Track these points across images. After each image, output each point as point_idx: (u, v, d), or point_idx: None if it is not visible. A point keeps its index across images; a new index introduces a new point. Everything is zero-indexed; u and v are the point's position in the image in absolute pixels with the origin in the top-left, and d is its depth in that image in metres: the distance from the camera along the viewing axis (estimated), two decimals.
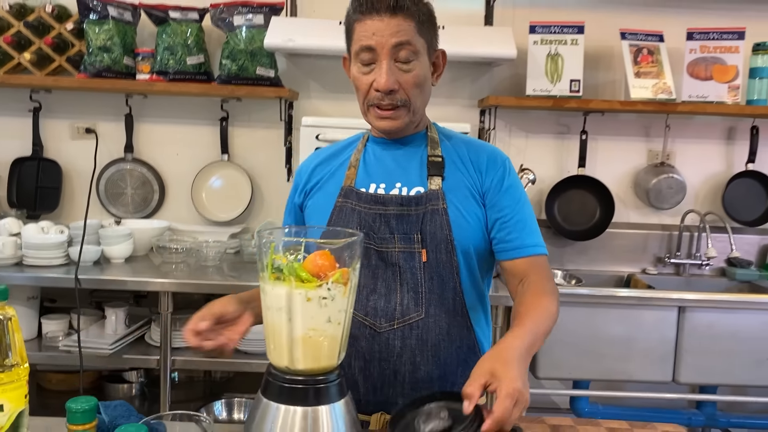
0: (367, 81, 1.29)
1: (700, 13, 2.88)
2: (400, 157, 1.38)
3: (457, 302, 1.32)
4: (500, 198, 1.34)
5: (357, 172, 1.38)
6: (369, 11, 1.25)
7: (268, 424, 0.92)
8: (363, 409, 1.31)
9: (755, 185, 2.97)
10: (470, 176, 1.36)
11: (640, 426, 1.18)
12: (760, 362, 2.50)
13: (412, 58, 1.27)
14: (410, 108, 1.31)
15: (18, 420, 0.93)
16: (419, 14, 1.27)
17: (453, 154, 1.38)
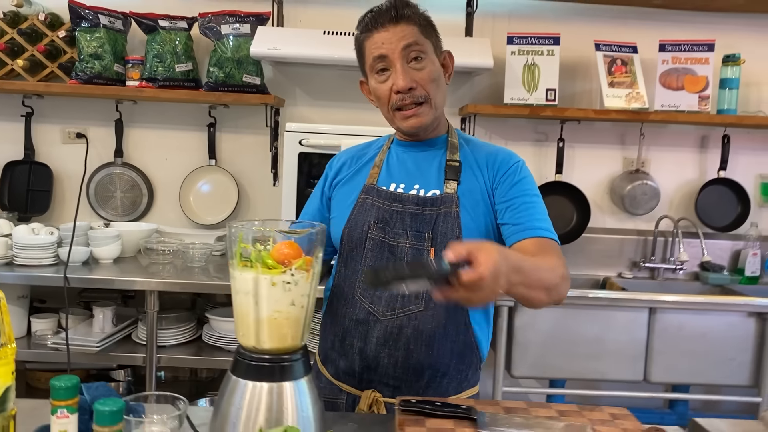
0: (386, 87, 1.38)
1: (672, 25, 3.00)
2: (420, 159, 1.48)
3: None
4: (510, 189, 1.40)
5: (380, 172, 1.48)
6: (374, 26, 1.37)
7: (237, 399, 1.00)
8: (357, 385, 1.42)
9: (727, 192, 3.07)
10: (484, 179, 1.43)
11: (589, 408, 1.26)
12: (728, 362, 2.59)
13: (422, 56, 1.37)
14: (431, 103, 1.39)
15: (5, 394, 1.00)
16: (419, 19, 1.39)
17: (471, 158, 1.46)
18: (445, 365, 1.41)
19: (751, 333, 2.59)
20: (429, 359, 1.39)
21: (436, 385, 1.42)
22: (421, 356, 1.39)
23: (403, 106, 1.37)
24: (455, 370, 1.43)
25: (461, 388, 1.46)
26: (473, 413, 1.18)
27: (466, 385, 1.47)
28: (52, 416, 1.06)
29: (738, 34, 3.00)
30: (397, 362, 1.39)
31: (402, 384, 1.40)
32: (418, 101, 1.37)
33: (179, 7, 2.87)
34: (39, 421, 1.16)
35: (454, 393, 1.45)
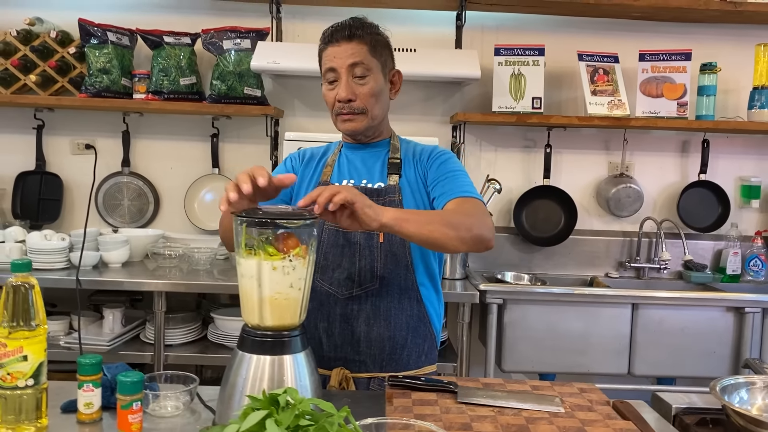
0: (332, 95, 1.57)
1: (651, 36, 3.15)
2: (366, 158, 1.66)
3: (408, 278, 1.57)
4: (437, 170, 1.59)
5: (332, 171, 1.66)
6: (331, 41, 1.56)
7: (243, 371, 1.13)
8: (326, 365, 1.56)
9: (708, 194, 3.20)
10: (418, 169, 1.63)
11: (559, 384, 1.39)
12: (709, 355, 2.72)
13: (366, 74, 1.55)
14: (368, 114, 1.58)
15: (39, 369, 1.14)
16: (371, 40, 1.56)
17: (408, 155, 1.66)
18: (403, 337, 1.58)
19: (730, 327, 2.72)
20: (388, 332, 1.56)
21: (397, 357, 1.58)
22: (381, 329, 1.56)
23: (341, 113, 1.57)
24: (412, 342, 1.59)
25: (420, 363, 1.62)
26: (453, 386, 1.31)
27: (425, 360, 1.63)
28: (79, 390, 1.20)
29: (714, 44, 3.15)
30: (360, 338, 1.56)
31: (366, 358, 1.57)
32: (355, 111, 1.56)
33: (183, 24, 3.03)
34: (63, 399, 1.29)
35: (414, 366, 1.60)
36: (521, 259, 3.25)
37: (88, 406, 1.20)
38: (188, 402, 1.30)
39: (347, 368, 1.56)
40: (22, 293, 1.12)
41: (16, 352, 1.11)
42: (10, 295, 1.12)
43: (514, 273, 3.13)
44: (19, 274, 1.13)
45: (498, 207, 3.19)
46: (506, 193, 3.15)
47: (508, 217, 3.22)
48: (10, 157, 3.16)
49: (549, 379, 2.85)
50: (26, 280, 1.14)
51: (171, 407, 1.28)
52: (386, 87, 1.62)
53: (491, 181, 2.94)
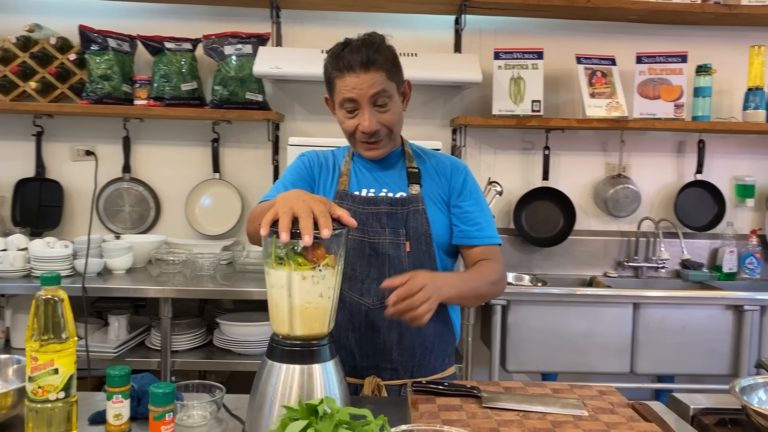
0: (353, 124, 1.55)
1: (647, 39, 3.19)
2: (383, 168, 1.66)
3: None
4: (462, 199, 1.63)
5: (349, 179, 1.64)
6: (346, 69, 1.49)
7: (273, 380, 1.15)
8: (358, 374, 1.58)
9: (704, 194, 3.25)
10: (440, 185, 1.64)
11: (579, 386, 1.42)
12: (709, 353, 2.76)
13: (388, 101, 1.53)
14: (390, 137, 1.59)
15: (69, 381, 1.14)
16: (387, 63, 1.51)
17: (427, 166, 1.66)
18: (431, 343, 1.60)
19: (729, 325, 2.76)
20: (419, 338, 1.59)
21: (426, 363, 1.60)
22: (412, 337, 1.58)
23: (366, 141, 1.55)
24: (439, 347, 1.62)
25: (444, 366, 1.66)
26: (477, 391, 1.33)
27: (448, 363, 1.67)
28: (108, 401, 1.21)
29: (709, 46, 3.20)
30: (392, 347, 1.57)
31: (398, 365, 1.58)
32: (380, 139, 1.56)
33: (183, 30, 3.02)
34: (87, 409, 1.30)
35: (440, 369, 1.64)
36: (521, 260, 3.28)
37: (118, 418, 1.20)
38: (215, 411, 1.31)
39: (379, 376, 1.57)
40: (52, 306, 1.13)
41: (47, 366, 1.11)
42: (41, 308, 1.12)
43: (515, 274, 3.16)
44: (49, 288, 1.14)
45: (498, 208, 3.21)
46: (506, 195, 3.18)
47: (507, 218, 3.25)
48: (9, 163, 3.14)
49: (551, 378, 2.89)
50: (55, 293, 1.14)
51: (198, 417, 1.29)
52: (401, 104, 1.61)
53: (493, 184, 2.96)
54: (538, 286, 3.00)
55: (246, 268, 2.88)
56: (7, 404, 1.20)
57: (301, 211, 1.12)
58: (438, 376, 1.60)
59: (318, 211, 1.13)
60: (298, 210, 1.13)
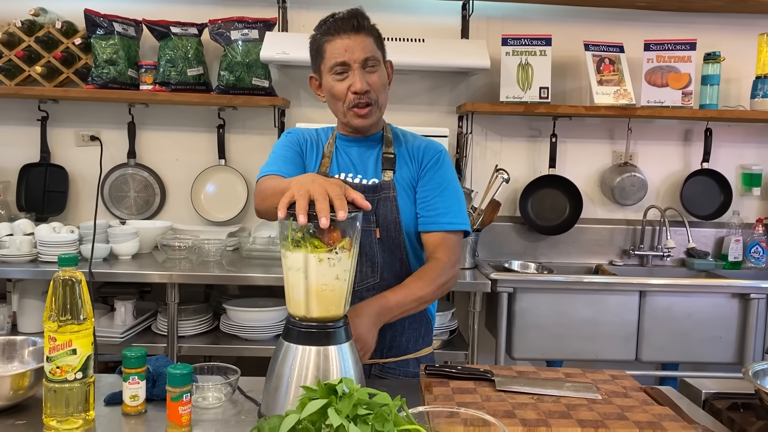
0: (343, 87, 1.55)
1: (656, 26, 3.18)
2: (362, 152, 1.67)
3: (403, 270, 1.62)
4: (424, 183, 1.63)
5: (330, 162, 1.66)
6: (336, 32, 1.53)
7: (289, 361, 1.15)
8: None
9: (710, 182, 3.25)
10: (411, 170, 1.65)
11: (591, 371, 1.42)
12: (714, 341, 2.77)
13: (376, 65, 1.56)
14: (378, 105, 1.59)
15: (86, 362, 1.14)
16: (374, 31, 1.58)
17: (403, 150, 1.67)
18: (401, 325, 1.63)
19: (735, 313, 2.77)
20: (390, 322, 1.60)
21: (398, 344, 1.64)
22: None
23: (358, 104, 1.56)
24: (410, 328, 1.65)
25: (418, 346, 1.68)
26: (490, 375, 1.33)
27: (422, 343, 1.69)
28: (125, 383, 1.21)
29: (718, 34, 3.19)
30: None
31: None
32: (370, 102, 1.56)
33: (190, 14, 3.01)
34: (103, 391, 1.30)
35: (413, 350, 1.66)
36: (527, 248, 3.28)
37: (134, 398, 1.21)
38: (230, 393, 1.31)
39: None
40: (70, 287, 1.13)
41: (65, 346, 1.11)
42: (59, 289, 1.12)
43: (520, 262, 3.16)
44: (67, 269, 1.13)
45: (504, 196, 3.21)
46: (512, 183, 3.17)
47: (513, 206, 3.25)
48: (14, 149, 3.14)
49: (557, 365, 2.90)
50: (73, 274, 1.14)
51: (213, 398, 1.29)
52: (387, 77, 1.63)
53: (499, 171, 2.95)
54: (544, 274, 3.00)
55: (252, 254, 2.88)
56: (24, 385, 1.20)
57: (317, 194, 1.12)
58: (412, 356, 1.64)
59: (333, 193, 1.14)
60: (315, 192, 1.13)
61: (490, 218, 3.00)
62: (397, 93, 3.18)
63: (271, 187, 1.41)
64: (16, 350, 1.36)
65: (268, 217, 1.54)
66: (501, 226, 3.24)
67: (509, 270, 3.05)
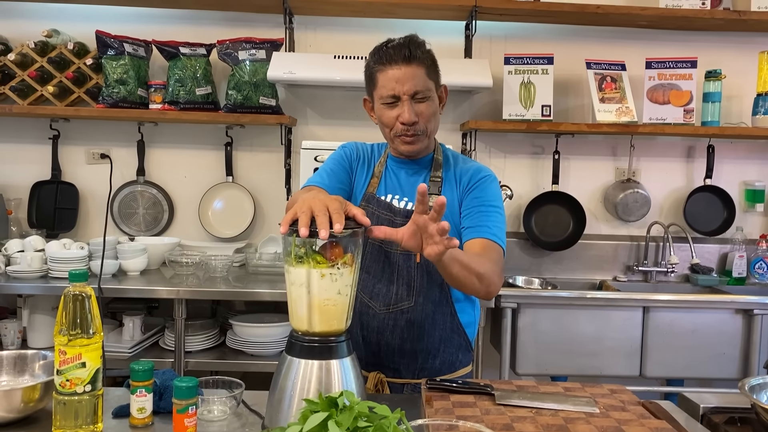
0: (392, 115, 1.56)
1: (657, 44, 3.22)
2: (410, 175, 1.68)
3: (443, 295, 1.63)
4: (474, 197, 1.60)
5: (379, 182, 1.68)
6: (389, 62, 1.53)
7: (291, 375, 1.18)
8: (364, 367, 1.62)
9: (713, 199, 3.26)
10: (456, 192, 1.63)
11: (590, 385, 1.44)
12: (719, 356, 2.77)
13: (427, 94, 1.55)
14: (426, 133, 1.60)
15: (95, 375, 1.18)
16: (427, 60, 1.56)
17: (451, 173, 1.66)
18: (435, 349, 1.64)
19: (739, 329, 2.78)
20: (420, 345, 1.62)
21: (430, 366, 1.64)
22: (414, 343, 1.62)
23: (405, 134, 1.56)
24: (445, 352, 1.65)
25: (454, 368, 1.68)
26: (490, 389, 1.35)
27: (458, 365, 1.69)
28: (132, 395, 1.24)
29: (719, 52, 3.22)
30: (394, 349, 1.62)
31: (400, 367, 1.64)
32: (417, 133, 1.57)
33: (198, 35, 3.07)
34: (110, 404, 1.33)
35: (447, 372, 1.66)
36: (531, 264, 3.30)
37: (141, 411, 1.24)
38: (234, 406, 1.34)
39: (383, 373, 1.62)
40: (80, 302, 1.16)
41: (75, 359, 1.15)
42: (69, 303, 1.16)
43: (524, 277, 3.18)
44: (77, 284, 1.17)
45: (508, 212, 3.23)
46: (516, 199, 3.21)
47: (517, 222, 3.27)
48: (26, 166, 3.20)
49: (561, 381, 2.90)
50: (83, 289, 1.18)
51: (217, 411, 1.32)
52: (438, 105, 1.62)
53: (503, 188, 2.99)
54: (548, 290, 3.02)
55: (258, 269, 2.91)
56: (34, 397, 1.24)
57: (317, 209, 1.16)
58: (448, 377, 1.63)
59: (332, 208, 1.17)
60: (315, 208, 1.17)
61: None
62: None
63: (292, 201, 1.43)
64: (27, 364, 1.40)
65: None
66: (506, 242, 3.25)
67: (513, 285, 3.08)
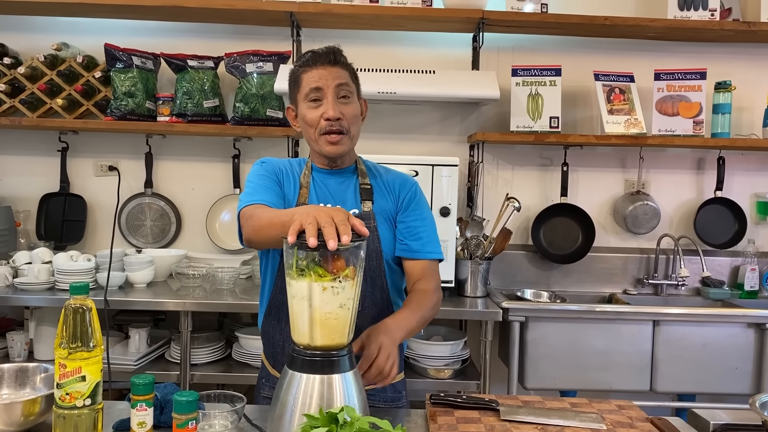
0: (316, 114, 1.59)
1: (666, 55, 3.20)
2: (338, 184, 1.70)
3: (383, 298, 1.66)
4: (407, 214, 1.70)
5: (308, 193, 1.68)
6: (314, 63, 1.59)
7: (293, 390, 1.16)
8: None
9: (724, 211, 3.23)
10: (389, 201, 1.70)
11: (597, 401, 1.42)
12: (731, 371, 2.73)
13: (350, 95, 1.62)
14: (350, 136, 1.63)
15: (95, 389, 1.17)
16: (349, 66, 1.65)
17: (379, 182, 1.72)
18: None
19: (751, 343, 2.73)
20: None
21: None
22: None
23: (330, 131, 1.59)
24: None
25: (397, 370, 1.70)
26: (495, 404, 1.33)
27: (400, 368, 1.71)
28: (132, 409, 1.23)
29: (728, 63, 3.20)
30: None
31: None
32: (341, 131, 1.60)
33: (206, 48, 3.08)
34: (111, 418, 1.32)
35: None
36: (539, 277, 3.27)
37: (142, 425, 1.22)
38: (236, 421, 1.32)
39: None
40: (81, 315, 1.15)
41: (74, 373, 1.14)
42: (70, 317, 1.15)
43: (533, 290, 3.15)
44: (78, 297, 1.16)
45: (516, 224, 3.21)
46: (524, 211, 3.19)
47: (525, 234, 3.25)
48: (35, 179, 3.21)
49: (570, 396, 2.86)
50: (84, 302, 1.17)
51: (219, 426, 1.31)
52: (360, 111, 1.68)
53: (510, 200, 2.96)
54: (557, 303, 2.99)
55: None
56: (35, 411, 1.23)
57: (323, 220, 1.15)
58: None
59: (338, 219, 1.17)
60: (321, 219, 1.16)
61: (502, 246, 3.00)
62: (408, 123, 3.23)
63: (267, 219, 1.42)
64: (29, 377, 1.39)
65: (260, 247, 1.55)
66: (513, 255, 3.24)
67: (521, 299, 3.05)
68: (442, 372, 2.72)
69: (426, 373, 2.72)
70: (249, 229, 1.51)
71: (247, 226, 1.52)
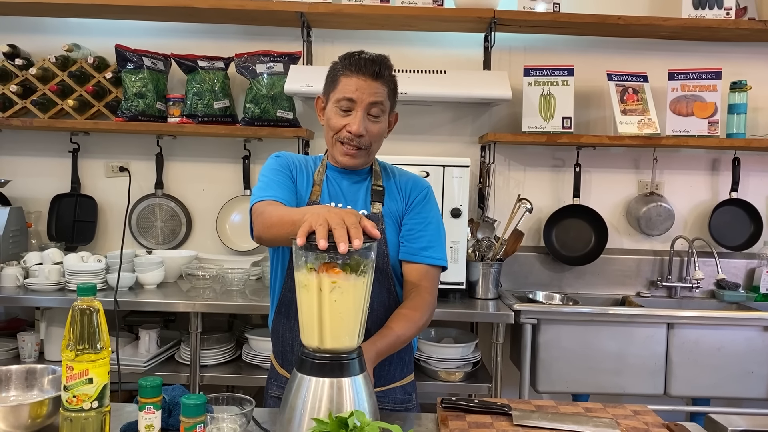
0: (342, 122, 1.57)
1: (680, 55, 3.16)
2: (352, 184, 1.69)
3: (391, 299, 1.64)
4: (412, 216, 1.66)
5: (321, 191, 1.66)
6: (357, 71, 1.54)
7: (302, 393, 1.15)
8: None
9: (739, 212, 3.18)
10: (398, 203, 1.67)
11: (612, 406, 1.39)
12: (746, 375, 2.68)
13: (380, 114, 1.58)
14: (369, 151, 1.61)
15: (103, 391, 1.16)
16: (391, 83, 1.60)
17: (391, 184, 1.70)
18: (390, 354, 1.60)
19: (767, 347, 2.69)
20: None
21: (385, 373, 1.65)
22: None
23: (349, 143, 1.57)
24: (397, 357, 1.65)
25: (404, 374, 1.71)
26: (507, 409, 1.31)
27: (407, 371, 1.72)
28: (140, 412, 1.22)
29: (743, 62, 3.16)
30: None
31: None
32: (360, 147, 1.58)
33: (216, 49, 3.08)
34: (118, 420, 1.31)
35: (400, 378, 1.69)
36: (552, 279, 3.24)
37: (150, 428, 1.21)
38: (244, 424, 1.31)
39: None
40: (88, 316, 1.14)
41: (81, 375, 1.13)
42: (77, 318, 1.14)
43: (545, 292, 3.12)
44: (85, 298, 1.15)
45: (528, 226, 3.18)
46: (536, 213, 3.15)
47: (537, 236, 3.22)
48: (46, 179, 3.22)
49: (583, 399, 2.83)
50: (91, 303, 1.16)
51: (227, 429, 1.29)
52: (387, 128, 1.66)
53: (522, 201, 2.94)
54: (569, 305, 2.96)
55: None
56: (42, 413, 1.22)
57: (334, 223, 1.14)
58: (397, 384, 1.67)
59: (350, 222, 1.15)
60: (332, 221, 1.14)
61: (513, 248, 2.97)
62: (420, 124, 3.21)
63: (278, 216, 1.41)
64: (36, 378, 1.39)
65: (270, 244, 1.54)
66: (525, 256, 3.21)
67: (533, 301, 3.02)
68: (452, 375, 2.69)
69: (437, 375, 2.70)
70: (260, 226, 1.50)
71: (258, 223, 1.52)
